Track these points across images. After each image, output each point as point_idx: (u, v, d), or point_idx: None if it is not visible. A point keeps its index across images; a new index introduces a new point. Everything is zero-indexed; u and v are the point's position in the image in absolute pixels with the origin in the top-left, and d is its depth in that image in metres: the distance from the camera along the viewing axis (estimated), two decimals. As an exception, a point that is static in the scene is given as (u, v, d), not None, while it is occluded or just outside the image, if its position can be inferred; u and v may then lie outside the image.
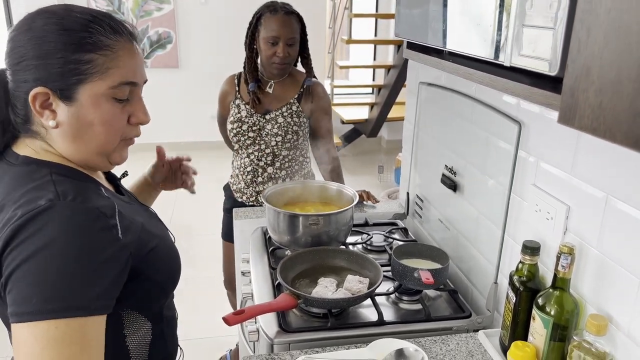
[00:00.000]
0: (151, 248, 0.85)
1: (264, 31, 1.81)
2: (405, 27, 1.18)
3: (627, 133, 0.45)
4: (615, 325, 0.86)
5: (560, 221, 0.97)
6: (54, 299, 0.68)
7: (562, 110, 0.54)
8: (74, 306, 0.69)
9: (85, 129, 0.81)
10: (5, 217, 0.73)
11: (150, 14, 5.24)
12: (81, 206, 0.74)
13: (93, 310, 0.71)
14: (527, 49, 0.67)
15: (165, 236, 0.95)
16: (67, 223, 0.71)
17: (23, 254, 0.69)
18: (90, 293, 0.71)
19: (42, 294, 0.68)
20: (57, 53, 0.77)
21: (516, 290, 1.00)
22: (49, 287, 0.68)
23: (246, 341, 1.25)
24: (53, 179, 0.77)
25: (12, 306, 0.69)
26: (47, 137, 0.82)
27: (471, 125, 1.30)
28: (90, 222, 0.73)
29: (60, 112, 0.80)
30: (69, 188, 0.76)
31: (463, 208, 1.37)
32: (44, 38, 0.77)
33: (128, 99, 0.84)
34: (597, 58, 0.48)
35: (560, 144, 0.97)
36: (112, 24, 0.81)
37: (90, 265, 0.71)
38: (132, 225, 0.81)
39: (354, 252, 1.37)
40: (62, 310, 0.68)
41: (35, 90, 0.77)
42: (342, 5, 5.00)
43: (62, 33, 0.77)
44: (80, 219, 0.73)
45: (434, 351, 1.09)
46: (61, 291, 0.69)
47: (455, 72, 0.99)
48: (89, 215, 0.73)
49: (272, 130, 1.88)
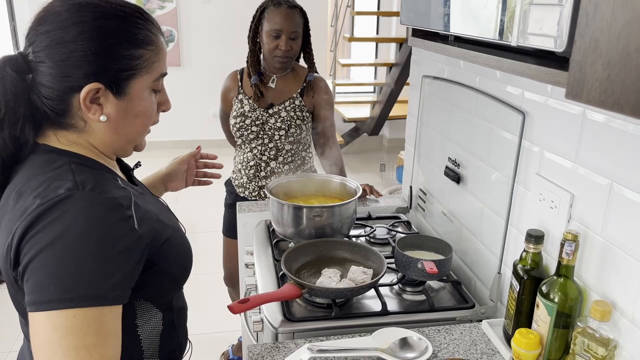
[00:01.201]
0: (165, 239, 0.86)
1: (267, 24, 1.82)
2: (410, 14, 1.18)
3: (636, 104, 0.46)
4: (619, 311, 0.86)
5: (564, 209, 0.97)
6: (72, 288, 0.68)
7: (569, 85, 0.54)
8: (91, 295, 0.69)
9: (130, 121, 0.84)
10: (24, 205, 0.73)
11: (153, 13, 5.25)
12: (99, 196, 0.74)
13: (111, 300, 0.71)
14: (534, 27, 0.68)
15: (178, 228, 0.95)
16: (86, 213, 0.71)
17: (41, 242, 0.69)
18: (108, 283, 0.71)
19: (60, 283, 0.68)
20: (112, 49, 0.78)
21: (520, 279, 1.00)
22: (67, 277, 0.68)
23: (250, 331, 1.25)
24: (72, 168, 0.77)
25: (30, 295, 0.69)
26: (85, 130, 0.83)
27: (474, 117, 1.30)
28: (108, 213, 0.73)
29: (109, 105, 0.81)
30: (87, 178, 0.76)
31: (466, 200, 1.37)
32: (94, 34, 0.77)
33: (159, 89, 0.89)
34: (605, 31, 0.49)
35: (564, 132, 0.97)
36: (153, 20, 0.85)
37: (108, 255, 0.71)
38: (147, 216, 0.82)
39: (358, 244, 1.38)
40: (80, 300, 0.68)
41: (90, 87, 0.77)
42: (344, 3, 5.00)
43: (115, 29, 0.78)
44: (99, 209, 0.73)
45: (437, 340, 1.09)
46: (79, 280, 0.69)
47: (461, 56, 0.99)
48: (106, 206, 0.73)
49: (276, 125, 1.89)
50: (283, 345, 1.07)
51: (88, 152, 0.84)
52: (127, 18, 0.80)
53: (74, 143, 0.83)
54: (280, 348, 1.06)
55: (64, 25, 0.77)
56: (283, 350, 1.05)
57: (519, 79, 1.10)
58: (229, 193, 2.13)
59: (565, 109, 0.96)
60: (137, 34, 0.81)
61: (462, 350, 1.07)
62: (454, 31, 0.99)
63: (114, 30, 0.78)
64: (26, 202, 0.73)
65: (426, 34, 1.27)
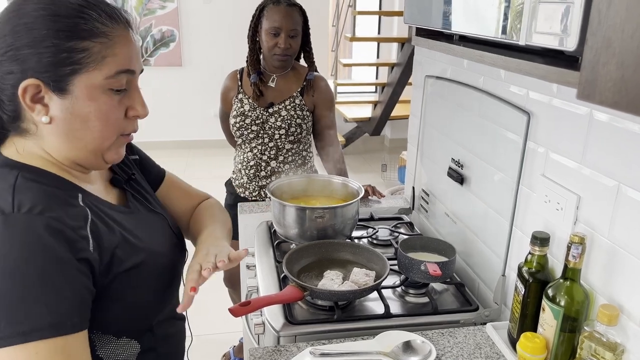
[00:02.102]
0: (133, 265, 0.78)
1: (266, 22, 1.82)
2: (414, 13, 1.17)
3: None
4: (627, 315, 0.84)
5: (570, 211, 0.96)
6: (24, 320, 0.63)
7: (581, 85, 0.53)
8: (47, 324, 0.64)
9: (80, 124, 0.75)
10: None
11: (154, 12, 5.24)
12: (35, 218, 0.68)
13: (70, 327, 0.66)
14: (543, 25, 0.66)
15: (162, 251, 0.87)
16: (21, 237, 0.66)
17: None
18: (60, 309, 0.66)
19: (10, 316, 0.63)
20: (48, 41, 0.70)
21: (525, 282, 0.99)
22: (16, 308, 0.63)
23: (251, 334, 1.24)
24: (15, 185, 0.71)
25: None
26: (37, 135, 0.76)
27: (478, 117, 1.29)
28: (46, 235, 0.67)
29: (53, 106, 0.73)
30: (28, 197, 0.70)
31: (470, 201, 1.36)
32: (32, 25, 0.70)
33: (125, 89, 0.78)
34: (618, 30, 0.47)
35: (570, 133, 0.95)
36: (108, 10, 0.76)
37: (53, 281, 0.65)
38: (108, 239, 0.75)
39: (360, 245, 1.36)
40: (36, 331, 0.63)
41: (26, 83, 0.71)
42: (345, 3, 4.99)
43: (54, 19, 0.71)
44: (35, 233, 0.66)
45: (441, 344, 1.08)
46: (29, 311, 0.63)
47: (466, 55, 0.98)
48: (45, 227, 0.67)
49: (276, 124, 1.88)
50: (285, 349, 1.05)
51: (46, 163, 0.77)
52: (72, 8, 0.73)
53: (31, 153, 0.77)
54: (282, 351, 1.05)
55: (5, 20, 0.72)
56: (285, 353, 1.04)
57: (524, 79, 1.08)
58: (229, 193, 2.12)
59: (571, 110, 0.95)
60: (81, 24, 0.72)
61: (466, 353, 1.05)
62: (459, 30, 0.98)
63: (51, 21, 0.71)
64: None
65: (430, 33, 1.26)
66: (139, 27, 5.24)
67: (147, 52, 5.32)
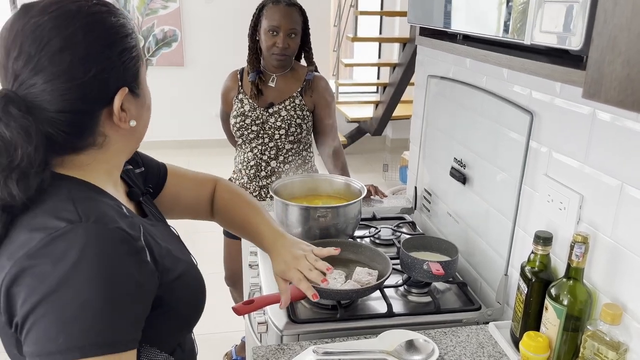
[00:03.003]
0: (177, 276, 0.76)
1: (265, 21, 1.83)
2: (418, 12, 1.17)
3: (657, 104, 0.44)
4: (630, 314, 0.85)
5: (573, 211, 0.96)
6: (83, 335, 0.60)
7: (586, 84, 0.53)
8: (104, 342, 0.62)
9: (147, 116, 0.79)
10: (19, 239, 0.65)
11: (156, 12, 5.25)
12: (106, 228, 0.65)
13: (125, 344, 0.64)
14: (548, 24, 0.66)
15: (192, 262, 0.86)
16: (92, 249, 0.63)
17: (43, 286, 0.60)
18: (121, 326, 0.63)
19: (69, 330, 0.60)
20: (111, 49, 0.70)
21: (528, 281, 0.99)
22: (76, 323, 0.60)
23: (254, 333, 1.24)
24: (72, 196, 0.68)
25: (34, 346, 0.61)
26: (103, 145, 0.74)
27: (481, 117, 1.29)
28: (116, 247, 0.65)
29: (132, 108, 0.75)
30: (90, 207, 0.67)
31: (472, 201, 1.36)
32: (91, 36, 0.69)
33: None
34: (624, 29, 0.47)
35: (573, 132, 0.96)
36: (118, 6, 0.79)
37: (119, 296, 0.63)
38: (158, 249, 0.73)
39: (363, 245, 1.37)
40: (94, 347, 0.61)
41: (120, 93, 0.71)
42: (347, 3, 4.99)
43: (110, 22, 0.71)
44: (106, 244, 0.64)
45: (444, 343, 1.08)
46: (90, 326, 0.61)
47: (470, 55, 0.98)
48: (114, 239, 0.65)
49: (276, 124, 1.88)
50: (288, 347, 1.06)
51: (89, 176, 0.74)
52: (105, 11, 0.72)
53: (77, 167, 0.74)
54: (285, 350, 1.05)
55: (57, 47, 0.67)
56: (288, 352, 1.04)
57: (527, 79, 1.08)
58: (231, 193, 2.12)
59: (574, 109, 0.95)
60: (122, 21, 0.73)
61: (469, 352, 1.05)
62: (463, 30, 0.98)
63: (102, 31, 0.71)
64: (21, 237, 0.65)
65: (434, 33, 1.26)
66: (141, 27, 5.25)
67: (149, 51, 5.33)
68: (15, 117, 0.65)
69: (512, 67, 0.79)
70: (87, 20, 0.69)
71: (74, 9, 0.69)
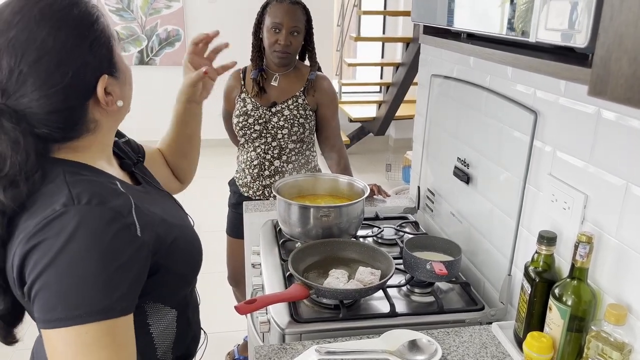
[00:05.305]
0: (171, 241, 0.83)
1: (269, 19, 1.83)
2: (422, 10, 1.17)
3: (664, 102, 0.44)
4: (635, 314, 0.84)
5: (577, 211, 0.95)
6: (79, 305, 0.68)
7: (592, 82, 0.53)
8: (98, 310, 0.69)
9: (128, 92, 0.84)
10: (23, 224, 0.72)
11: (160, 12, 5.26)
12: (96, 209, 0.71)
13: (119, 311, 0.70)
14: (553, 22, 0.66)
15: (185, 224, 0.92)
16: (84, 228, 0.69)
17: (42, 262, 0.68)
18: (114, 296, 0.70)
19: (66, 301, 0.68)
20: (82, 45, 0.75)
21: (531, 281, 0.98)
22: (72, 294, 0.68)
23: (256, 332, 1.24)
24: (67, 180, 0.75)
25: (38, 313, 0.69)
26: (96, 128, 0.81)
27: (485, 116, 1.28)
28: (107, 225, 0.71)
29: (116, 89, 0.81)
30: (83, 189, 0.73)
31: (476, 200, 1.35)
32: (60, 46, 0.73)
33: None
34: (631, 26, 0.47)
35: (577, 132, 0.95)
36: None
37: (111, 268, 0.70)
38: (150, 219, 0.79)
39: (366, 244, 1.36)
40: (87, 315, 0.68)
41: (102, 81, 0.77)
42: (350, 3, 4.99)
43: (73, 16, 0.75)
44: (97, 223, 0.70)
45: (447, 343, 1.08)
46: (85, 297, 0.68)
47: (475, 53, 0.98)
48: (105, 218, 0.71)
49: (279, 123, 1.88)
50: (290, 347, 1.05)
51: (83, 157, 0.81)
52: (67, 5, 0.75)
53: (72, 150, 0.80)
54: (288, 349, 1.05)
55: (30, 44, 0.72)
56: (290, 351, 1.04)
57: (531, 78, 1.08)
58: (233, 193, 2.12)
59: (579, 108, 0.94)
60: (84, 9, 0.77)
61: (472, 353, 1.05)
62: (468, 28, 0.97)
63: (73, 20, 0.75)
64: (24, 222, 0.72)
65: (438, 31, 1.25)
66: (144, 27, 5.25)
67: (152, 51, 5.34)
68: (6, 130, 0.72)
69: (518, 65, 0.79)
70: (52, 23, 0.73)
71: (37, 15, 0.73)
